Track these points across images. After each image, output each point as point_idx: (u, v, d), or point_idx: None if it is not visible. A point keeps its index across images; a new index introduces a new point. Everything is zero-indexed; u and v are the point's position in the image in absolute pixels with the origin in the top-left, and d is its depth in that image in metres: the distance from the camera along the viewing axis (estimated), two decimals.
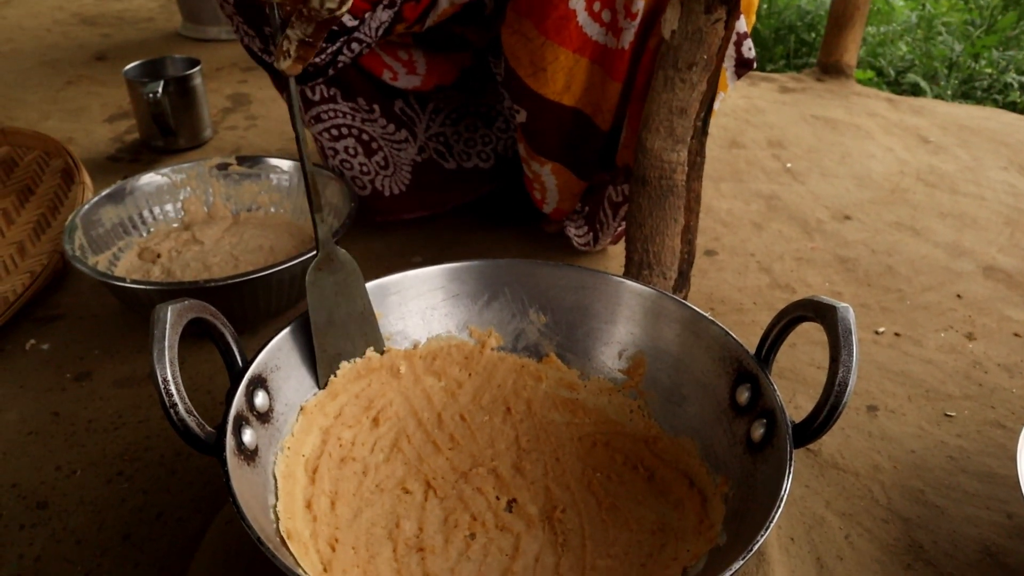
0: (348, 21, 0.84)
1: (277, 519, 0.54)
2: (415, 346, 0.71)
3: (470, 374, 0.72)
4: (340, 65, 0.92)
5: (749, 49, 0.89)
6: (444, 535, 0.61)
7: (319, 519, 0.58)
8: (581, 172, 0.96)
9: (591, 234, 1.04)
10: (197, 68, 1.33)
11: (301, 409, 0.63)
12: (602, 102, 0.89)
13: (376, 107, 1.02)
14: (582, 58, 0.85)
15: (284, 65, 0.62)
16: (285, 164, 1.06)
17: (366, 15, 0.84)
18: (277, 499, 0.55)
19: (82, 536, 0.68)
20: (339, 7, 0.57)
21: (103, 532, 0.69)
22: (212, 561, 0.60)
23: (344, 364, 0.67)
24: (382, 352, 0.69)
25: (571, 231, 1.05)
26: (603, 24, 0.83)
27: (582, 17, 0.82)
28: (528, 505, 0.64)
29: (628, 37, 0.83)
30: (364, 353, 0.67)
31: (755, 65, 0.93)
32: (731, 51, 0.89)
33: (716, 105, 0.94)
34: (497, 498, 0.65)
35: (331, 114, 1.01)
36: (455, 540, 0.60)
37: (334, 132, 1.02)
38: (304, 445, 0.62)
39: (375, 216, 1.11)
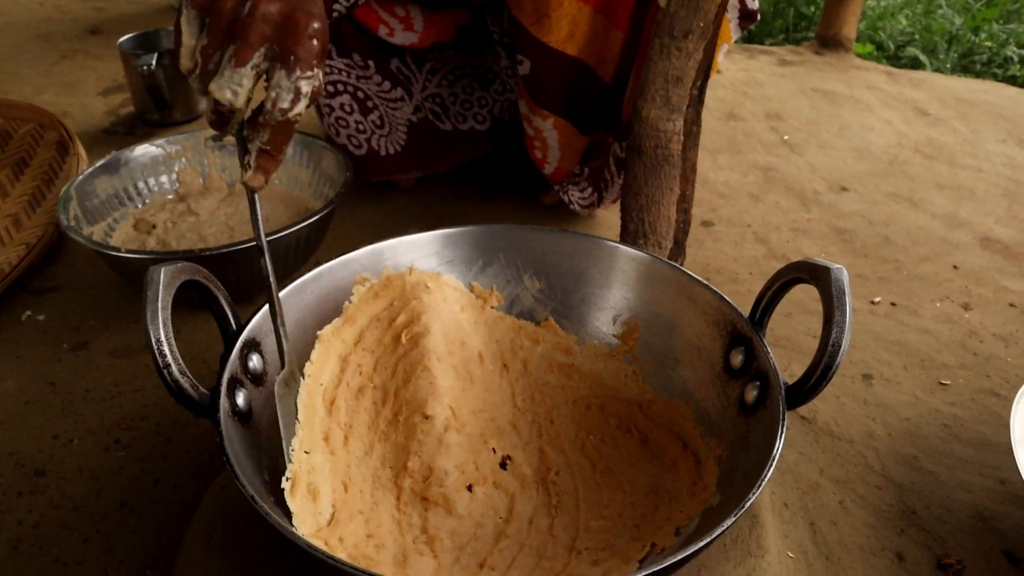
0: None
1: (291, 460, 0.54)
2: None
3: (475, 321, 0.72)
4: (335, 15, 0.90)
5: (753, 0, 0.89)
6: (450, 481, 0.60)
7: (336, 454, 0.58)
8: (583, 126, 0.95)
9: (595, 194, 1.04)
10: None
11: (318, 337, 0.61)
12: (605, 52, 0.88)
13: (371, 63, 1.01)
14: (585, 6, 0.84)
15: (246, 177, 0.55)
16: None
17: None
18: (297, 433, 0.55)
19: (80, 503, 0.69)
20: (292, 108, 0.52)
21: (101, 499, 0.69)
22: (209, 525, 0.61)
23: (358, 288, 0.65)
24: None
25: (573, 194, 1.04)
26: None
27: None
28: (523, 466, 0.64)
29: None
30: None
31: (759, 17, 0.92)
32: (735, 0, 0.88)
33: (720, 56, 0.94)
34: (494, 451, 0.64)
35: (327, 70, 1.00)
36: (458, 490, 0.60)
37: (329, 89, 1.02)
38: (323, 374, 0.61)
39: (370, 177, 1.10)
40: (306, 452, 0.56)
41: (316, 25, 0.51)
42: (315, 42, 0.51)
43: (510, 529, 0.58)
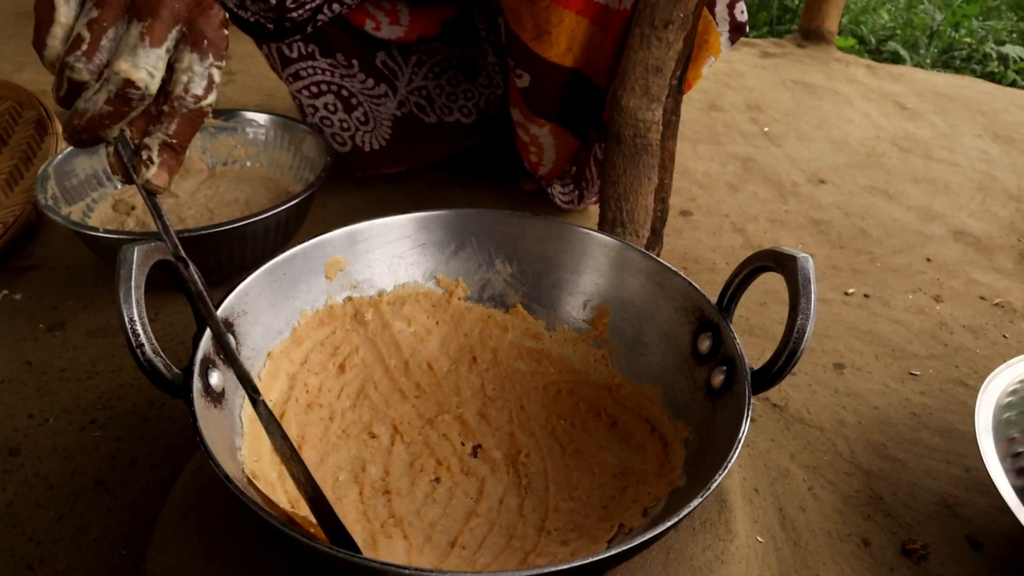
0: None
1: (244, 462, 0.55)
2: (380, 294, 0.71)
3: (437, 322, 0.73)
4: (319, 23, 0.90)
5: (742, 12, 0.89)
6: (410, 479, 0.62)
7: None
8: (578, 131, 0.96)
9: (576, 192, 1.04)
10: None
11: (268, 355, 0.63)
12: (599, 61, 0.89)
13: (355, 62, 1.01)
14: (583, 19, 0.84)
15: (148, 175, 0.49)
16: (261, 118, 1.05)
17: None
18: (244, 442, 0.56)
19: (55, 482, 0.69)
20: (205, 96, 0.47)
21: (76, 478, 0.69)
22: (183, 504, 0.61)
23: (306, 311, 0.67)
24: None
25: (556, 189, 1.05)
26: None
27: None
28: (493, 450, 0.65)
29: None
30: None
31: (747, 29, 0.92)
32: (725, 14, 0.88)
33: (704, 70, 0.94)
34: (462, 444, 0.66)
35: (310, 71, 1.00)
36: (421, 483, 0.61)
37: (313, 89, 1.02)
38: (271, 390, 0.62)
39: (355, 172, 1.11)
40: (255, 461, 0.57)
41: (224, 15, 0.49)
42: (225, 31, 0.49)
43: (480, 508, 0.59)
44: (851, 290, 1.00)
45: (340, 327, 0.69)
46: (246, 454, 0.55)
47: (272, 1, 0.85)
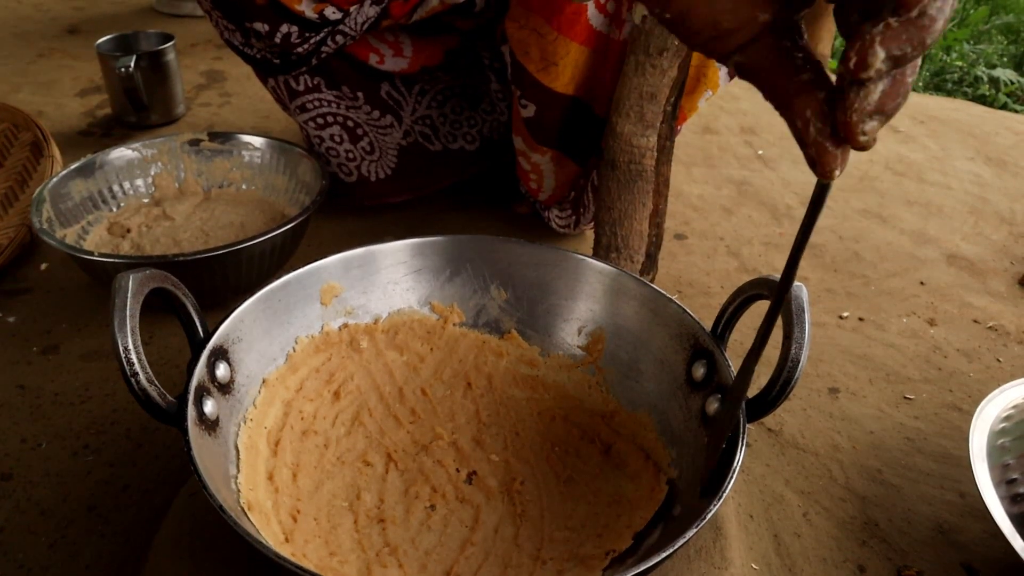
0: (333, 14, 0.83)
1: (239, 490, 0.55)
2: (376, 321, 0.72)
3: (432, 349, 0.73)
4: (323, 55, 0.91)
5: None
6: (405, 506, 0.62)
7: (281, 490, 0.59)
8: (578, 158, 0.97)
9: (573, 217, 1.05)
10: (170, 43, 1.32)
11: (263, 381, 0.63)
12: (599, 88, 0.89)
13: (360, 95, 1.02)
14: (586, 48, 0.85)
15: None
16: (257, 141, 1.05)
17: (352, 9, 0.83)
18: (239, 470, 0.56)
19: (47, 507, 0.69)
20: None
21: (68, 503, 0.69)
22: (177, 531, 0.61)
23: (302, 338, 0.67)
24: None
25: (553, 213, 1.06)
26: (607, 15, 0.84)
27: (590, 10, 0.83)
28: (488, 478, 0.65)
29: (628, 28, 0.83)
30: None
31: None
32: None
33: (701, 103, 0.95)
34: (457, 470, 0.65)
35: (316, 103, 1.01)
36: (416, 511, 0.61)
37: (319, 121, 1.02)
38: (266, 417, 0.62)
39: (363, 201, 1.11)
40: (250, 489, 0.56)
41: None
42: None
43: (476, 537, 0.59)
44: (845, 313, 1.00)
45: (335, 354, 0.69)
46: (242, 482, 0.55)
47: (277, 39, 0.86)
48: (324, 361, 0.69)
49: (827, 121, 0.38)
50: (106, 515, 0.68)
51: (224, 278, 0.85)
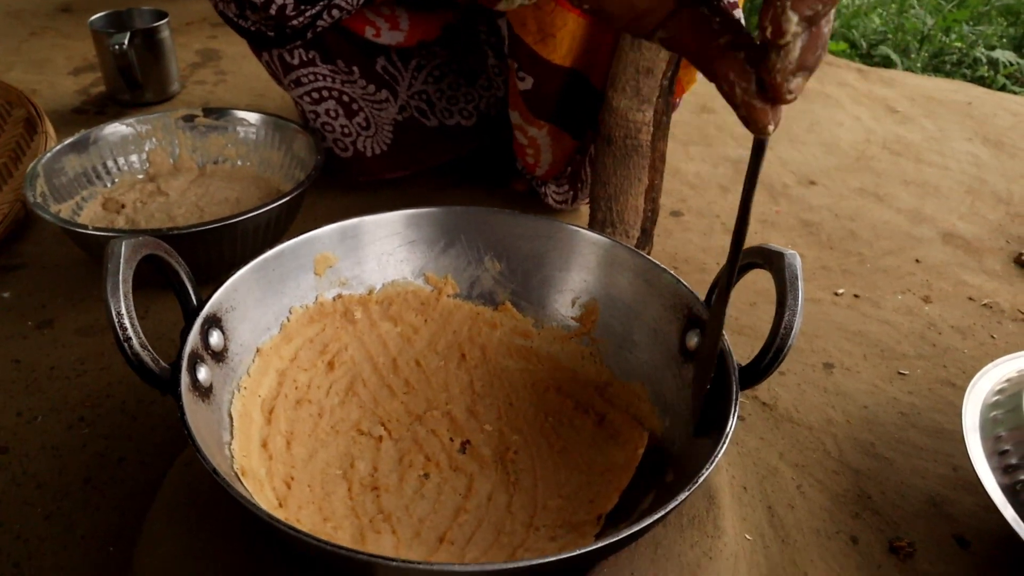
0: None
1: (232, 457, 0.55)
2: (370, 292, 0.71)
3: (426, 320, 0.73)
4: (319, 28, 0.91)
5: (740, 17, 0.89)
6: (398, 475, 0.62)
7: (275, 458, 0.59)
8: (575, 131, 0.96)
9: (571, 192, 1.05)
10: (165, 20, 1.31)
11: (257, 351, 0.63)
12: (597, 61, 0.89)
13: (356, 69, 1.01)
14: (584, 20, 0.85)
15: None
16: (252, 117, 1.05)
17: None
18: (232, 437, 0.56)
19: (43, 480, 0.69)
20: None
21: (64, 476, 0.69)
22: (172, 502, 0.61)
23: (296, 308, 0.67)
24: None
25: (551, 188, 1.05)
26: None
27: None
28: (481, 447, 0.65)
29: None
30: None
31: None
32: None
33: (700, 75, 0.95)
34: (451, 440, 0.66)
35: (311, 77, 1.00)
36: (409, 479, 0.61)
37: (315, 95, 1.02)
38: (260, 386, 0.62)
39: (358, 177, 1.11)
40: (244, 456, 0.56)
41: None
42: None
43: (469, 505, 0.59)
44: (841, 290, 1.00)
45: (330, 324, 0.69)
46: (236, 449, 0.55)
47: (272, 11, 0.85)
48: (318, 331, 0.69)
49: (751, 80, 0.40)
50: (102, 487, 0.68)
51: (219, 253, 0.85)
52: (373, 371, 0.70)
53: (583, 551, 0.43)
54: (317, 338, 0.68)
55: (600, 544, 0.44)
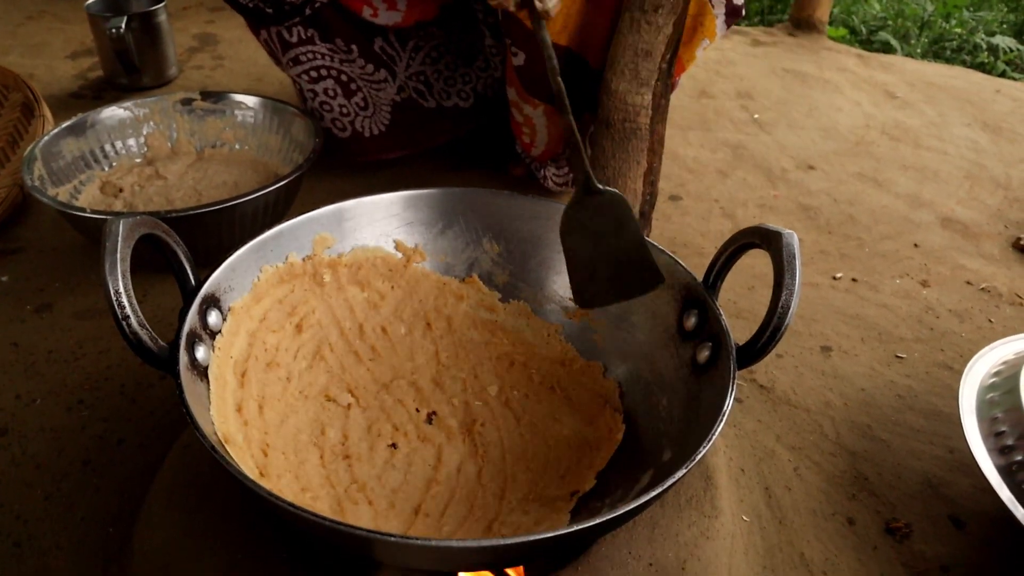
0: None
1: (212, 422, 0.54)
2: (339, 255, 0.71)
3: (392, 287, 0.72)
4: (316, 5, 0.90)
5: None
6: (368, 443, 0.62)
7: (250, 423, 0.58)
8: (572, 111, 0.96)
9: (570, 174, 1.05)
10: (162, 4, 1.31)
11: (230, 309, 0.62)
12: (593, 40, 0.88)
13: (354, 47, 1.01)
14: None
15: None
16: (250, 100, 1.05)
17: None
18: (210, 402, 0.55)
19: (42, 461, 0.69)
20: None
21: (63, 457, 0.69)
22: (171, 484, 0.61)
23: (267, 268, 0.66)
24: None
25: (550, 171, 1.05)
26: None
27: None
28: (448, 418, 0.66)
29: None
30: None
31: (743, 13, 0.92)
32: None
33: (698, 52, 0.94)
34: (417, 410, 0.66)
35: (309, 56, 1.00)
36: (379, 449, 0.62)
37: (312, 74, 1.01)
38: (232, 347, 0.62)
39: (357, 157, 1.11)
40: (223, 421, 0.56)
41: None
42: None
43: (439, 476, 0.60)
44: (839, 274, 1.00)
45: (298, 286, 0.69)
46: (214, 414, 0.55)
47: None
48: (287, 293, 0.68)
49: None
50: (101, 469, 0.68)
51: (217, 236, 0.85)
52: (340, 336, 0.70)
53: (588, 524, 0.44)
54: (286, 300, 0.68)
55: (597, 520, 0.44)
